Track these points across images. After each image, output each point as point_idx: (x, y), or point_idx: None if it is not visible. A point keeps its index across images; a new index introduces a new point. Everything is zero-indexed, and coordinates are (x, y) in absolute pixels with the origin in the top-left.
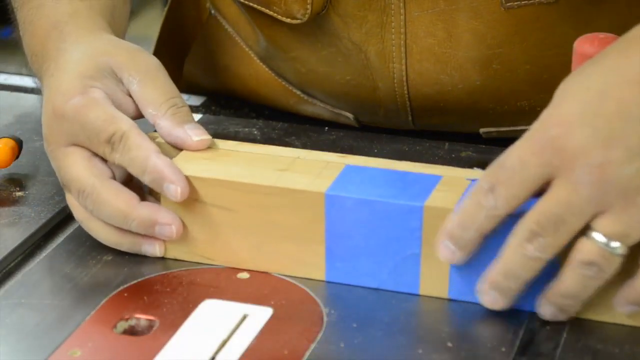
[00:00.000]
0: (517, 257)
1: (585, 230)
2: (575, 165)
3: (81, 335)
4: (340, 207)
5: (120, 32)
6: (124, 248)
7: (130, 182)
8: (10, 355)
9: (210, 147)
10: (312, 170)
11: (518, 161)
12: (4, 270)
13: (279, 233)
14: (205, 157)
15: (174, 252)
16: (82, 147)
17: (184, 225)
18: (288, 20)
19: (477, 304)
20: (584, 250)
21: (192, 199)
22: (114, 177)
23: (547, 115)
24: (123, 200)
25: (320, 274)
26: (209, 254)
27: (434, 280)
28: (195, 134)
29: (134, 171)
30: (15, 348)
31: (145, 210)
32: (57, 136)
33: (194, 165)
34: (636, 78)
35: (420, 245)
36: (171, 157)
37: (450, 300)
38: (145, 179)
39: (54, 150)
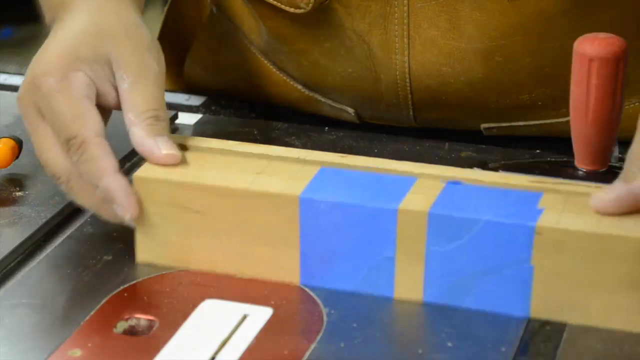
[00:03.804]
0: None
1: None
2: None
3: (81, 335)
4: (314, 211)
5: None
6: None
7: None
8: (10, 355)
9: (185, 151)
10: (287, 173)
11: None
12: (4, 270)
13: (253, 237)
14: (181, 160)
15: (148, 256)
16: None
17: (159, 230)
18: (292, 10)
19: (455, 307)
20: None
21: (166, 203)
22: None
23: None
24: (105, 164)
25: (295, 277)
26: (184, 258)
27: (409, 284)
28: (165, 147)
29: (88, 181)
30: (15, 348)
31: (113, 184)
32: (29, 101)
33: (169, 168)
34: None
35: (394, 249)
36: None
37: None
38: (97, 193)
39: (26, 108)
